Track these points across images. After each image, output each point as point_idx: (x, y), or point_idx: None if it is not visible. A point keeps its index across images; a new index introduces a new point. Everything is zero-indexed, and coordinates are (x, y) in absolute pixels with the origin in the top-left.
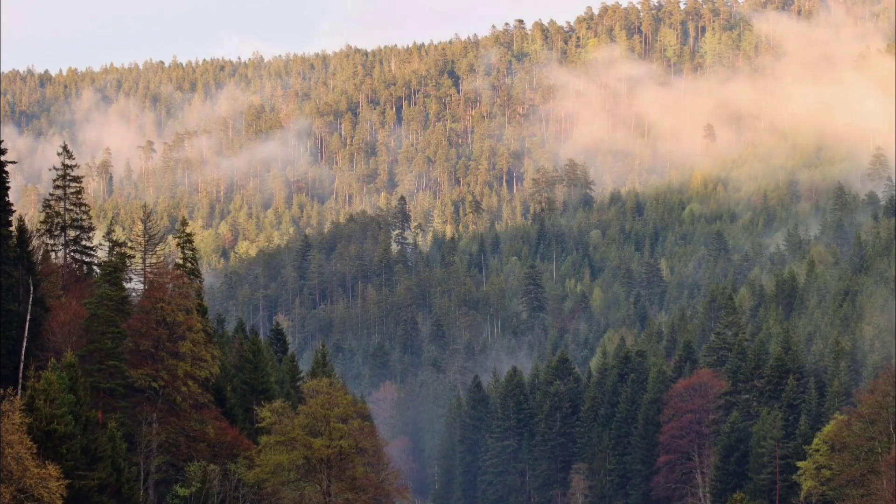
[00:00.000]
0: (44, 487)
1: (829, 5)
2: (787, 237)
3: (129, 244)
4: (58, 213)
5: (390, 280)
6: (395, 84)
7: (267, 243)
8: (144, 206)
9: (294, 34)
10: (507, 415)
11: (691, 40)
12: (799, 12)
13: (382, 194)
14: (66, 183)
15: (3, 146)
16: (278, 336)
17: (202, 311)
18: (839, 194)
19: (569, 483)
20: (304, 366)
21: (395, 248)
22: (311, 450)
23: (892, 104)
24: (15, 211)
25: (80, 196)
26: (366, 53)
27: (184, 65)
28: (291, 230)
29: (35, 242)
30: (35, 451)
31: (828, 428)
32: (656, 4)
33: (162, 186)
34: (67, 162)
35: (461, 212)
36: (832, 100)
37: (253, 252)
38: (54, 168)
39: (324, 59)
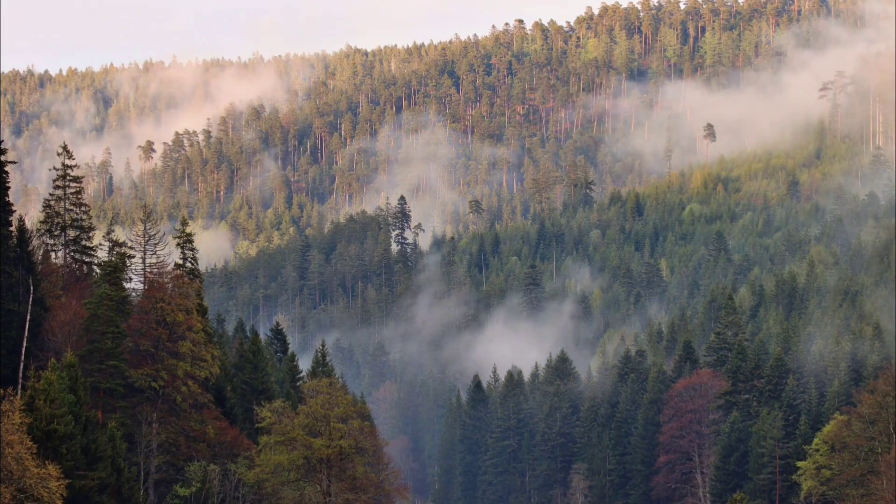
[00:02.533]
0: (44, 487)
1: (829, 7)
2: (787, 237)
3: (129, 244)
4: (58, 213)
5: (390, 280)
6: (395, 84)
7: (267, 243)
8: (144, 206)
9: (294, 34)
10: (507, 415)
11: (691, 40)
12: (799, 12)
13: (382, 194)
14: (66, 183)
15: (2, 146)
16: (278, 336)
17: (202, 311)
18: (839, 194)
19: (569, 483)
20: (304, 366)
21: (395, 248)
22: (311, 450)
23: (892, 103)
24: (15, 211)
25: (80, 196)
26: (366, 53)
27: (184, 65)
28: (291, 230)
29: (35, 242)
30: (35, 451)
31: (828, 428)
32: (656, 4)
33: (162, 186)
34: (67, 162)
35: (461, 212)
36: (832, 99)
37: (253, 252)
38: (54, 168)
39: (324, 59)
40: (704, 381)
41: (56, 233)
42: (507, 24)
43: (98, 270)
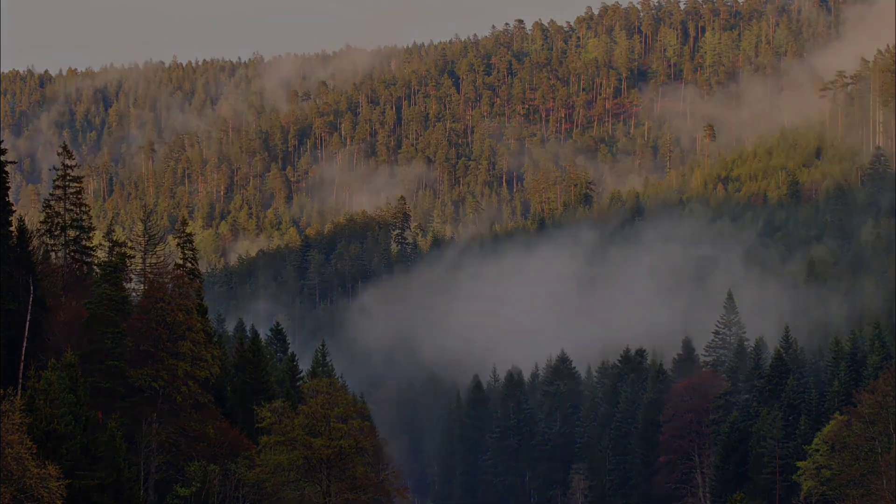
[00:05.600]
0: (44, 487)
1: (828, 7)
2: (787, 237)
3: (129, 244)
4: (58, 213)
5: (390, 280)
6: (395, 84)
7: (267, 243)
8: (144, 206)
9: (294, 34)
10: (507, 415)
11: (691, 40)
12: (799, 11)
13: (382, 194)
14: (66, 183)
15: (2, 146)
16: (278, 336)
17: (202, 311)
18: (839, 194)
19: (569, 483)
20: (304, 366)
21: (394, 248)
22: (311, 450)
23: (892, 103)
24: (15, 211)
25: (80, 196)
26: (366, 53)
27: (184, 65)
28: (291, 230)
29: (35, 242)
30: (35, 451)
31: (828, 428)
32: (656, 4)
33: (162, 186)
34: (67, 162)
35: (461, 212)
36: (832, 99)
37: (253, 252)
38: (54, 168)
39: (324, 59)
40: (704, 381)
41: (56, 233)
42: (507, 24)
43: (98, 270)
